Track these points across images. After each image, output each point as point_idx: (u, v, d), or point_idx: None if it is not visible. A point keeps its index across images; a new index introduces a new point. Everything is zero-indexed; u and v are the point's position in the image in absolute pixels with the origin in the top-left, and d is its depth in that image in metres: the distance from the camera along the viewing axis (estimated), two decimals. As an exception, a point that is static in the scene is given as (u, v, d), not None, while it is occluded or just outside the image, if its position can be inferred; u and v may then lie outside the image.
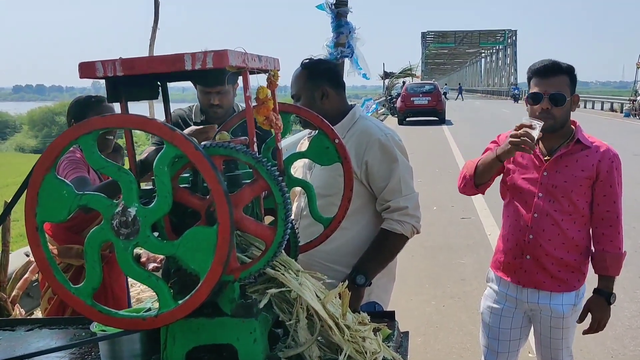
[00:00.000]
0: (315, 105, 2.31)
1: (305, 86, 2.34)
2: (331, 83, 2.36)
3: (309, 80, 2.34)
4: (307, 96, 2.33)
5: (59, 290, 1.40)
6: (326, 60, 2.41)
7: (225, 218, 1.28)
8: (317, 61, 2.40)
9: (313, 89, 2.33)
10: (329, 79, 2.36)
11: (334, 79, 2.39)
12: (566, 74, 2.46)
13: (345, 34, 2.27)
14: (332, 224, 1.97)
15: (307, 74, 2.36)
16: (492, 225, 7.63)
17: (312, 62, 2.39)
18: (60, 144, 1.35)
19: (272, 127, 1.70)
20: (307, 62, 2.40)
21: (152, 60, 1.39)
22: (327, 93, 2.34)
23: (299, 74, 2.38)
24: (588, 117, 28.21)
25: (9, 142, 39.68)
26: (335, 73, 2.41)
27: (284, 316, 1.57)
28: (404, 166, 2.35)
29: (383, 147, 2.32)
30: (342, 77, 2.47)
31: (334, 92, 2.35)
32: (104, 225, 1.35)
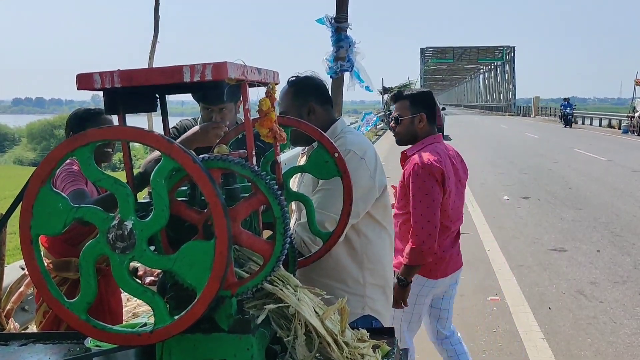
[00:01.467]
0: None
1: (293, 103, 2.35)
2: (318, 99, 2.37)
3: (295, 97, 2.35)
4: (294, 113, 2.31)
5: (53, 304, 1.38)
6: (312, 77, 2.41)
7: (223, 232, 1.26)
8: (304, 78, 2.41)
9: (300, 105, 2.34)
10: (315, 96, 2.37)
11: (321, 95, 2.40)
12: (407, 99, 3.21)
13: (345, 48, 2.26)
14: (332, 238, 1.96)
15: (293, 91, 2.36)
16: (491, 240, 7.61)
17: (298, 80, 2.40)
18: (57, 156, 1.33)
19: (276, 138, 1.69)
20: (293, 79, 2.41)
21: (151, 72, 1.38)
22: (313, 109, 2.34)
23: (286, 91, 2.38)
24: (586, 134, 28.29)
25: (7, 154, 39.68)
26: (321, 89, 2.43)
27: (282, 332, 1.55)
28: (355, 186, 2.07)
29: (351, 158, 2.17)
30: (329, 92, 2.48)
31: (320, 108, 2.36)
32: (99, 238, 1.33)
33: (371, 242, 2.35)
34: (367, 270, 2.35)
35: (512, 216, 9.21)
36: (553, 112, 48.98)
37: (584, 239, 7.73)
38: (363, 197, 2.23)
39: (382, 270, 2.40)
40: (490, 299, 5.52)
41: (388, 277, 2.45)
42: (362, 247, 2.33)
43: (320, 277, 2.31)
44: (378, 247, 2.38)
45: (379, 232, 2.39)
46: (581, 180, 12.75)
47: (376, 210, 2.34)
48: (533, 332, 4.78)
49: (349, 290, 2.31)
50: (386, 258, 2.44)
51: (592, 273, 6.31)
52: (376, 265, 2.37)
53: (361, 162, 2.24)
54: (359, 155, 2.25)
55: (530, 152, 18.95)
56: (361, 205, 2.23)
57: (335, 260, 2.30)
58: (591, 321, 5.01)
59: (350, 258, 2.32)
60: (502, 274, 6.28)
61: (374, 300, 2.36)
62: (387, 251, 2.45)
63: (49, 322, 2.79)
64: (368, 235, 2.35)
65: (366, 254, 2.34)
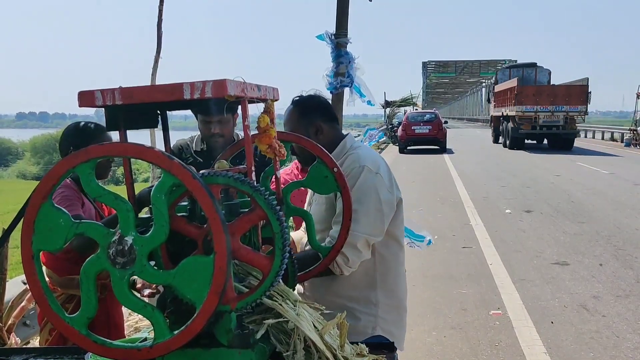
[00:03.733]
0: None
1: (299, 123, 2.32)
2: (324, 117, 2.35)
3: (301, 117, 2.33)
4: (301, 133, 2.23)
5: (54, 319, 1.39)
6: (317, 96, 2.39)
7: (222, 247, 1.27)
8: (308, 97, 2.39)
9: (307, 125, 2.31)
10: (321, 114, 2.35)
11: (326, 113, 2.37)
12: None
13: (345, 64, 2.28)
14: (331, 253, 1.96)
15: (299, 110, 2.34)
16: (493, 254, 7.60)
17: (303, 99, 2.38)
18: (58, 172, 1.35)
19: (276, 154, 1.70)
20: (297, 99, 2.39)
21: (151, 89, 1.40)
22: (320, 128, 2.32)
23: (291, 111, 2.36)
24: (589, 147, 28.28)
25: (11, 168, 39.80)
26: (326, 107, 2.40)
27: (281, 347, 1.55)
28: (373, 202, 2.18)
29: (366, 175, 2.19)
30: (334, 109, 2.45)
31: (327, 126, 2.34)
32: (100, 254, 1.34)
33: (386, 260, 2.30)
34: (380, 289, 2.30)
35: (514, 230, 9.20)
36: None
37: (586, 252, 7.71)
38: (386, 212, 2.20)
39: (396, 289, 2.35)
40: (493, 313, 5.50)
41: (402, 297, 2.39)
42: (376, 265, 2.29)
43: (332, 295, 2.29)
44: (393, 265, 2.32)
45: (395, 249, 2.33)
46: (583, 194, 12.74)
47: (393, 225, 2.29)
48: (535, 346, 4.76)
49: (361, 310, 2.27)
50: (401, 277, 2.38)
51: (595, 287, 6.29)
52: (390, 284, 2.32)
53: (377, 177, 2.20)
54: (374, 170, 2.21)
55: (533, 166, 18.96)
56: (386, 221, 2.20)
57: (347, 279, 2.26)
58: (594, 335, 4.99)
59: (363, 277, 2.27)
60: (504, 287, 6.26)
61: (387, 321, 2.31)
62: (402, 269, 2.38)
63: (55, 340, 2.77)
64: (383, 253, 2.29)
65: (380, 272, 2.29)
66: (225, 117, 2.85)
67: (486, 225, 9.43)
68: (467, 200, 12.00)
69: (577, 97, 25.44)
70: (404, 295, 2.41)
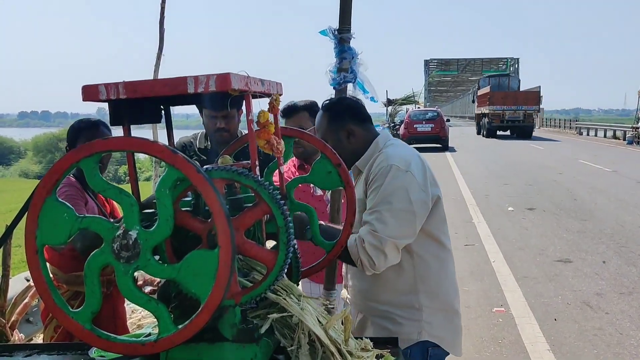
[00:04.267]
0: (343, 145, 2.23)
1: (330, 128, 2.25)
2: (355, 120, 2.26)
3: (332, 122, 2.26)
4: (333, 138, 2.23)
5: (58, 314, 1.39)
6: (346, 97, 2.32)
7: (227, 241, 1.27)
8: (337, 100, 2.33)
9: (338, 130, 2.25)
10: (352, 117, 2.26)
11: (357, 114, 2.29)
12: (305, 110, 2.94)
13: (348, 60, 2.26)
14: (335, 249, 1.96)
15: (329, 116, 2.27)
16: (495, 252, 7.59)
17: (332, 103, 2.31)
18: (62, 167, 1.34)
19: (273, 151, 1.70)
20: (327, 103, 2.31)
21: (155, 83, 1.39)
22: (352, 131, 2.25)
23: (321, 117, 2.29)
24: (591, 145, 28.25)
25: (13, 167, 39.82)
26: (357, 108, 2.31)
27: (285, 342, 1.55)
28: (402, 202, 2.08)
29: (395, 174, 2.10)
30: (366, 109, 2.36)
31: (359, 129, 2.26)
32: (104, 248, 1.34)
33: (425, 262, 2.20)
34: (422, 293, 2.20)
35: (517, 227, 9.19)
36: (557, 123, 48.96)
37: (589, 250, 7.70)
38: (418, 213, 2.10)
39: (442, 292, 2.25)
40: (496, 310, 5.50)
41: (451, 299, 2.28)
42: (415, 269, 2.20)
43: (374, 302, 2.26)
44: (434, 266, 2.22)
45: (434, 249, 2.23)
46: (586, 192, 12.72)
47: (431, 224, 2.18)
48: (539, 343, 4.76)
49: (403, 315, 2.20)
50: (447, 278, 2.27)
51: (598, 284, 6.29)
52: (434, 287, 2.22)
53: (407, 175, 2.10)
54: (403, 168, 2.11)
55: (535, 164, 18.93)
56: (418, 222, 2.11)
57: (386, 284, 2.20)
58: (597, 332, 4.99)
59: (402, 281, 2.20)
60: (508, 285, 6.26)
61: (433, 325, 2.21)
62: (448, 270, 2.28)
63: (61, 337, 2.77)
64: (421, 254, 2.20)
65: (420, 275, 2.20)
66: (231, 111, 2.85)
67: (488, 223, 9.42)
68: (470, 198, 11.99)
69: (533, 100, 34.35)
70: (453, 297, 2.29)
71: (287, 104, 2.98)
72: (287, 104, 2.98)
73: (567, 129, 43.67)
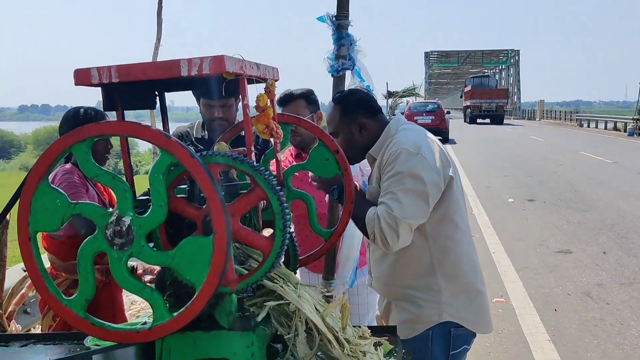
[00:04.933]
0: (355, 139, 2.25)
1: (341, 122, 2.26)
2: (366, 113, 2.27)
3: (343, 116, 2.26)
4: (345, 132, 2.25)
5: (51, 302, 1.37)
6: (357, 90, 2.31)
7: (222, 228, 1.25)
8: (348, 94, 2.32)
9: (349, 123, 2.25)
10: (364, 110, 2.27)
11: (368, 108, 2.29)
12: (301, 98, 2.92)
13: (346, 46, 2.23)
14: (332, 237, 1.94)
15: (340, 109, 2.27)
16: (496, 243, 7.58)
17: (343, 96, 2.30)
18: (55, 152, 1.32)
19: (273, 135, 1.67)
20: (338, 96, 2.31)
21: (148, 66, 1.37)
22: (364, 125, 2.25)
23: (332, 110, 2.29)
24: (592, 137, 28.22)
25: (13, 161, 39.78)
26: (368, 101, 2.31)
27: (282, 330, 1.53)
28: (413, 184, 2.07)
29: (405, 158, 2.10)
30: (376, 101, 2.38)
31: (371, 122, 2.26)
32: (97, 234, 1.32)
33: (441, 244, 2.21)
34: (440, 275, 2.21)
35: (517, 219, 9.17)
36: (558, 115, 48.95)
37: (589, 241, 7.69)
38: (431, 193, 2.09)
39: (461, 273, 2.24)
40: (496, 300, 5.48)
41: (470, 280, 2.26)
42: (431, 251, 2.20)
43: (395, 286, 2.30)
44: (451, 247, 2.23)
45: (450, 230, 2.22)
46: (587, 183, 12.69)
47: (444, 205, 2.17)
48: (539, 333, 4.75)
49: (423, 297, 2.22)
50: (466, 260, 2.27)
51: (599, 275, 6.27)
52: (451, 268, 2.22)
53: (418, 158, 2.10)
54: (414, 152, 2.10)
55: (536, 155, 18.90)
56: (431, 202, 2.10)
57: (404, 268, 2.23)
58: (597, 323, 4.98)
59: (419, 264, 2.21)
60: (508, 275, 6.24)
61: (454, 307, 2.22)
62: (465, 251, 2.27)
63: (60, 326, 2.75)
64: (436, 236, 2.20)
65: (437, 258, 2.21)
66: (228, 100, 2.82)
67: (489, 214, 9.40)
68: (470, 190, 11.96)
69: (502, 95, 45.67)
70: (473, 277, 2.28)
71: (284, 92, 2.96)
72: (283, 92, 2.96)
73: (568, 120, 43.63)
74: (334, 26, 2.31)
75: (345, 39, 2.31)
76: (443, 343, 2.23)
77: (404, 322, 2.25)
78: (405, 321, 2.25)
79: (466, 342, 2.28)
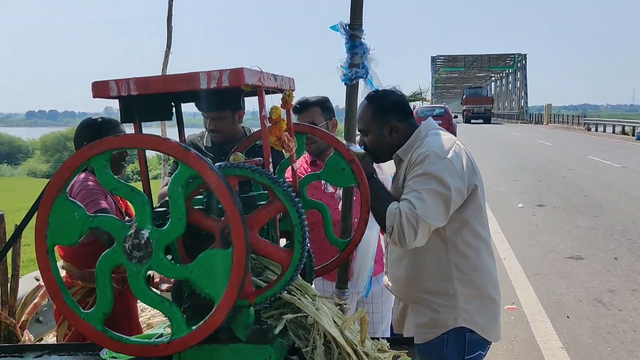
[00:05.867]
0: (384, 140, 2.28)
1: (373, 122, 2.28)
2: (399, 117, 2.29)
3: (375, 117, 2.28)
4: (375, 132, 2.27)
5: (69, 315, 1.36)
6: (392, 92, 2.31)
7: (241, 240, 1.24)
8: (383, 94, 2.32)
9: (381, 125, 2.27)
10: (396, 113, 2.28)
11: (401, 111, 2.31)
12: (317, 106, 2.93)
13: (359, 55, 2.22)
14: (348, 247, 1.93)
15: (373, 108, 2.29)
16: (506, 249, 7.54)
17: (377, 96, 2.31)
18: (73, 165, 1.32)
19: (284, 148, 1.67)
20: (373, 95, 2.32)
21: (167, 79, 1.36)
22: (395, 127, 2.27)
23: (364, 108, 2.30)
24: (600, 140, 28.08)
25: (21, 167, 39.98)
26: (402, 104, 2.33)
27: (300, 342, 1.52)
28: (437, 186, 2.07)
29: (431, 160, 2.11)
30: (409, 105, 2.39)
31: (402, 125, 2.28)
32: (116, 247, 1.31)
33: (459, 250, 2.22)
34: (457, 280, 2.22)
35: (527, 224, 9.13)
36: (565, 119, 48.80)
37: (600, 246, 7.64)
38: (454, 198, 2.09)
39: (477, 279, 2.25)
40: (507, 307, 5.44)
41: (486, 287, 2.27)
42: (450, 256, 2.22)
43: (414, 289, 2.30)
44: (470, 255, 2.23)
45: (470, 237, 2.23)
46: (596, 188, 12.62)
47: (466, 213, 2.19)
48: (551, 341, 4.71)
49: (439, 302, 2.24)
50: (484, 267, 2.27)
51: (610, 281, 6.22)
52: (468, 274, 2.23)
53: (445, 162, 2.11)
54: (442, 155, 2.13)
55: (544, 160, 18.82)
56: (452, 207, 2.11)
57: (421, 272, 2.25)
58: (610, 330, 4.94)
59: (437, 268, 2.23)
60: (519, 282, 6.21)
61: (469, 312, 2.23)
62: (483, 259, 2.27)
63: (75, 335, 2.74)
64: (455, 242, 2.21)
65: (455, 263, 2.22)
66: (221, 113, 2.85)
67: (498, 219, 9.35)
68: (479, 195, 11.92)
69: (490, 101, 59.48)
70: (489, 284, 2.29)
71: (299, 100, 2.98)
72: (298, 100, 2.97)
73: (576, 124, 43.46)
74: (347, 35, 2.30)
75: (358, 48, 2.30)
76: (458, 347, 2.25)
77: (419, 326, 2.28)
78: (421, 325, 2.27)
79: (481, 348, 2.29)
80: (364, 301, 3.01)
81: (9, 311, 3.63)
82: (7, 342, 3.52)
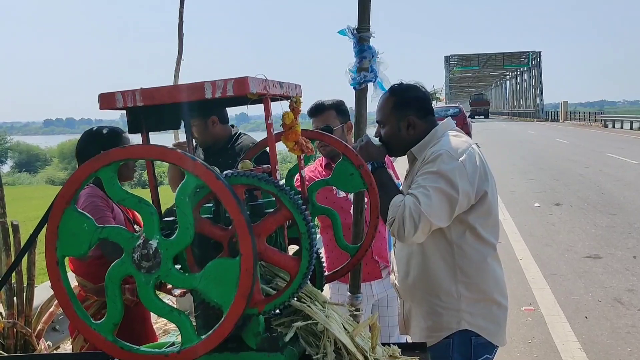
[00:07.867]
0: (400, 135, 2.27)
1: (392, 114, 2.27)
2: (419, 113, 2.27)
3: (395, 109, 2.27)
4: (392, 125, 2.27)
5: (79, 325, 1.37)
6: (415, 87, 2.30)
7: (248, 249, 1.24)
8: (406, 88, 2.31)
9: (399, 118, 2.26)
10: (416, 109, 2.27)
11: (422, 107, 2.29)
12: (332, 109, 2.97)
13: (368, 59, 2.22)
14: (359, 252, 1.92)
15: (394, 101, 2.27)
16: (523, 249, 7.48)
17: (400, 89, 2.30)
18: (80, 177, 1.32)
19: (303, 150, 1.67)
20: (396, 87, 2.31)
21: (172, 89, 1.37)
22: (413, 123, 2.26)
23: (386, 99, 2.29)
24: (617, 137, 27.76)
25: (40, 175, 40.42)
26: (423, 101, 2.31)
27: (310, 350, 1.52)
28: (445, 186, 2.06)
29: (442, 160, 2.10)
30: (431, 102, 2.37)
31: (420, 122, 2.27)
32: (124, 258, 1.32)
33: (465, 254, 2.21)
34: (461, 283, 2.22)
35: (543, 223, 9.05)
36: (582, 116, 48.31)
37: (619, 245, 7.55)
38: (460, 201, 2.09)
39: (481, 282, 2.24)
40: (525, 309, 5.40)
41: (491, 290, 2.27)
42: (455, 258, 2.21)
43: (422, 292, 2.30)
44: (475, 259, 2.22)
45: (475, 242, 2.21)
46: (614, 185, 12.48)
47: (472, 217, 2.17)
48: (570, 342, 4.66)
49: (442, 304, 2.24)
50: (489, 271, 2.26)
51: (629, 280, 6.15)
52: (472, 278, 2.22)
53: (457, 164, 2.10)
54: (455, 156, 2.11)
55: (560, 158, 18.66)
56: (457, 210, 2.10)
57: (427, 273, 2.25)
58: (630, 330, 4.87)
59: (442, 270, 2.23)
60: (536, 283, 6.15)
61: (473, 315, 2.23)
62: (490, 263, 2.27)
63: (93, 346, 2.74)
64: (461, 245, 2.21)
65: (460, 266, 2.21)
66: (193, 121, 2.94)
67: (515, 219, 9.29)
68: (495, 195, 11.84)
69: (487, 104, 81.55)
70: (494, 288, 2.27)
71: (315, 103, 3.02)
72: (314, 103, 3.02)
73: (592, 121, 43.02)
74: (355, 39, 2.29)
75: (367, 52, 2.29)
76: (464, 351, 2.24)
77: (424, 329, 2.28)
78: (425, 328, 2.28)
79: (488, 352, 2.28)
80: (378, 304, 3.00)
81: (24, 321, 3.66)
82: (24, 351, 3.55)
